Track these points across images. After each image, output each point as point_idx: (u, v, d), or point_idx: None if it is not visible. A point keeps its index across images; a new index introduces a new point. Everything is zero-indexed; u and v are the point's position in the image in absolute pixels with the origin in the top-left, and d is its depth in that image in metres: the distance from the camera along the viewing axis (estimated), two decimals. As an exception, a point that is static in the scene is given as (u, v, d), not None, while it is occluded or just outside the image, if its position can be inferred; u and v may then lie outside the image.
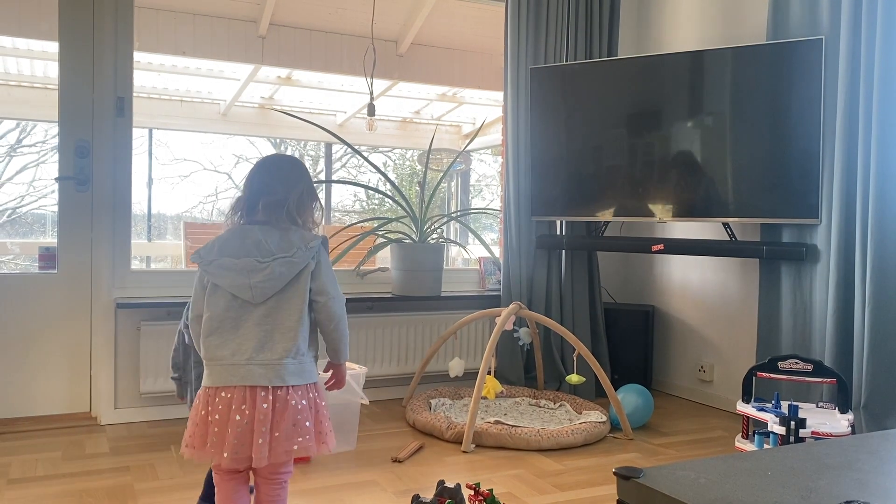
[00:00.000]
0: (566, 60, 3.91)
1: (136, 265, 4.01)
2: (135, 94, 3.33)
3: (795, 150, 3.17)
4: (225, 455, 1.69)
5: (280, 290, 1.77)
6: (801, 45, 3.14)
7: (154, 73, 5.71)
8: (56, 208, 3.24)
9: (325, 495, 2.44)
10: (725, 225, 3.44)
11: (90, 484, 2.48)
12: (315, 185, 1.95)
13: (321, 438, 1.80)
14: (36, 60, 5.18)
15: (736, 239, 3.43)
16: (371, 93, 4.25)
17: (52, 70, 4.94)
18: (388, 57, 4.99)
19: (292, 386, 1.75)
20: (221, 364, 1.75)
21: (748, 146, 3.32)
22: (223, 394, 1.73)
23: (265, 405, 1.71)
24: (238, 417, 1.70)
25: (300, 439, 1.73)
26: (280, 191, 1.84)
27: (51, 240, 3.47)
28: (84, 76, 3.23)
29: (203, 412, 1.75)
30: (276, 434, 1.71)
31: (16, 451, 2.82)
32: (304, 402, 1.75)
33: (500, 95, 4.05)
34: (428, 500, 2.23)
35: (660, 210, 3.55)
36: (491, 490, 2.23)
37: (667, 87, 3.54)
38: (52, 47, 3.29)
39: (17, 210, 7.73)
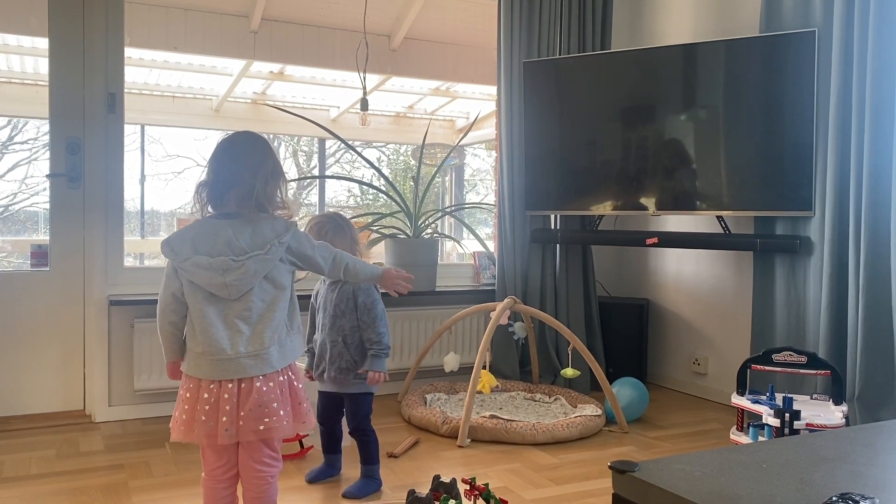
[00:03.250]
0: (559, 54, 3.90)
1: (129, 262, 3.99)
2: (126, 91, 3.31)
3: (789, 143, 3.18)
4: (195, 432, 1.76)
5: (261, 282, 1.81)
6: (794, 38, 3.13)
7: (145, 69, 5.67)
8: (48, 206, 3.23)
9: (320, 491, 2.44)
10: (719, 218, 3.44)
11: (85, 482, 2.47)
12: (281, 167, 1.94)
13: (300, 417, 1.85)
14: (26, 57, 5.14)
15: (730, 232, 3.43)
16: (364, 87, 4.23)
17: (43, 66, 4.90)
18: (381, 51, 4.96)
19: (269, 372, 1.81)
20: (210, 359, 1.77)
21: (741, 139, 3.32)
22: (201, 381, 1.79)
23: (230, 385, 1.76)
24: (206, 395, 1.76)
25: (267, 420, 1.76)
26: (248, 178, 1.82)
27: (43, 237, 3.45)
28: (74, 72, 3.21)
29: (180, 392, 1.82)
30: (242, 413, 1.75)
31: (9, 449, 2.81)
32: (270, 383, 1.79)
33: (493, 90, 4.03)
34: (423, 496, 2.23)
35: (654, 203, 3.55)
36: (487, 484, 2.23)
37: (660, 81, 3.54)
38: (43, 43, 3.27)
39: (10, 208, 7.69)
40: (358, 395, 2.46)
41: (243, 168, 1.83)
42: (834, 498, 1.05)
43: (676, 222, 3.90)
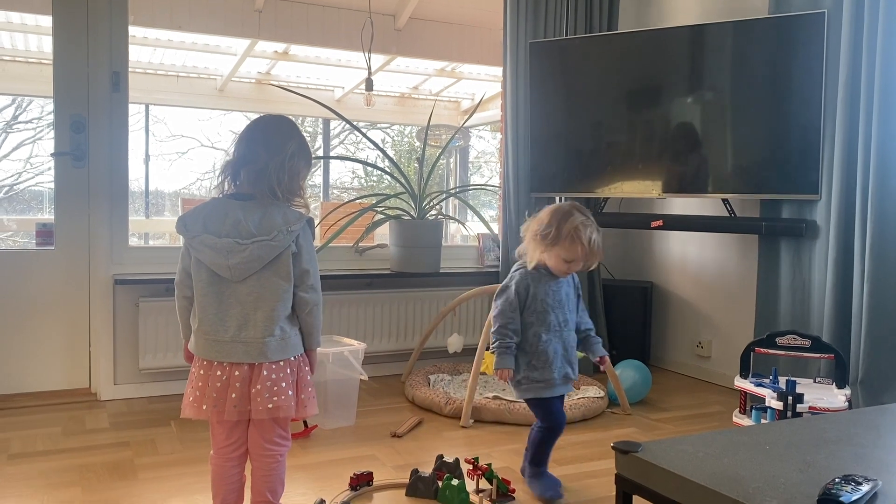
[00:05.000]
0: (566, 34, 3.87)
1: (134, 242, 4.00)
2: (130, 70, 3.30)
3: (796, 126, 3.15)
4: (204, 408, 1.77)
5: (261, 269, 1.77)
6: (802, 19, 3.10)
7: (150, 48, 5.65)
8: (53, 185, 3.23)
9: (324, 470, 2.45)
10: (725, 201, 3.42)
11: (90, 459, 2.50)
12: (310, 156, 1.90)
13: (302, 403, 1.84)
14: (30, 35, 5.13)
15: (735, 215, 3.42)
16: (369, 68, 4.22)
17: (47, 44, 4.88)
18: (387, 31, 4.94)
19: (279, 360, 1.80)
20: (206, 338, 1.79)
21: (748, 121, 3.30)
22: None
23: (237, 372, 1.78)
24: (219, 373, 1.78)
25: (276, 399, 1.77)
26: (263, 157, 1.78)
27: (48, 216, 3.46)
28: (79, 51, 3.19)
29: (192, 368, 1.83)
30: (253, 391, 1.77)
31: (16, 426, 2.83)
32: (280, 363, 1.79)
33: (499, 70, 4.01)
34: (427, 475, 2.25)
35: (659, 186, 3.54)
36: (489, 464, 2.24)
37: (667, 62, 3.51)
38: (46, 21, 3.25)
39: (15, 187, 7.71)
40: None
41: (261, 147, 1.80)
42: (837, 479, 1.05)
43: (682, 205, 3.88)
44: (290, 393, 1.80)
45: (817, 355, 2.80)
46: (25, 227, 5.87)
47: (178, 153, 8.53)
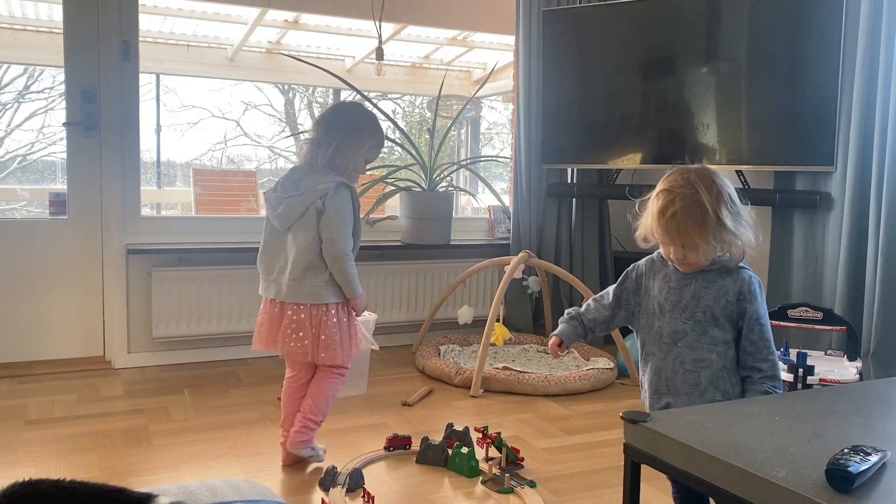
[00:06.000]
0: (580, 2, 3.81)
1: (146, 212, 4.01)
2: (141, 39, 3.29)
3: (812, 96, 3.11)
4: (252, 344, 2.23)
5: (297, 221, 2.11)
6: (822, -13, 3.04)
7: (160, 17, 5.61)
8: (65, 155, 3.23)
9: (336, 437, 2.48)
10: (738, 172, 3.39)
11: (105, 425, 2.53)
12: (374, 136, 2.20)
13: (320, 349, 2.13)
14: (40, 3, 5.10)
15: (749, 187, 3.39)
16: (379, 36, 4.17)
17: (57, 13, 4.85)
18: (397, -1, 4.88)
19: (299, 304, 2.12)
20: (262, 277, 2.20)
21: (764, 92, 3.25)
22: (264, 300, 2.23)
23: (275, 309, 2.16)
24: (264, 314, 2.20)
25: (292, 343, 2.13)
26: (320, 133, 2.16)
27: (61, 186, 3.48)
28: (89, 20, 3.18)
29: None
30: (279, 333, 2.14)
31: (33, 393, 2.88)
32: (301, 315, 2.12)
33: (511, 39, 3.96)
34: (437, 443, 2.27)
35: (673, 157, 3.50)
36: (499, 433, 2.26)
37: (683, 31, 3.46)
38: (56, -11, 3.23)
39: (28, 157, 7.73)
40: None
41: (321, 126, 2.18)
42: (846, 449, 1.05)
43: (694, 177, 3.85)
44: (307, 341, 2.11)
45: (829, 328, 2.78)
46: (38, 196, 5.90)
47: (189, 123, 8.51)
